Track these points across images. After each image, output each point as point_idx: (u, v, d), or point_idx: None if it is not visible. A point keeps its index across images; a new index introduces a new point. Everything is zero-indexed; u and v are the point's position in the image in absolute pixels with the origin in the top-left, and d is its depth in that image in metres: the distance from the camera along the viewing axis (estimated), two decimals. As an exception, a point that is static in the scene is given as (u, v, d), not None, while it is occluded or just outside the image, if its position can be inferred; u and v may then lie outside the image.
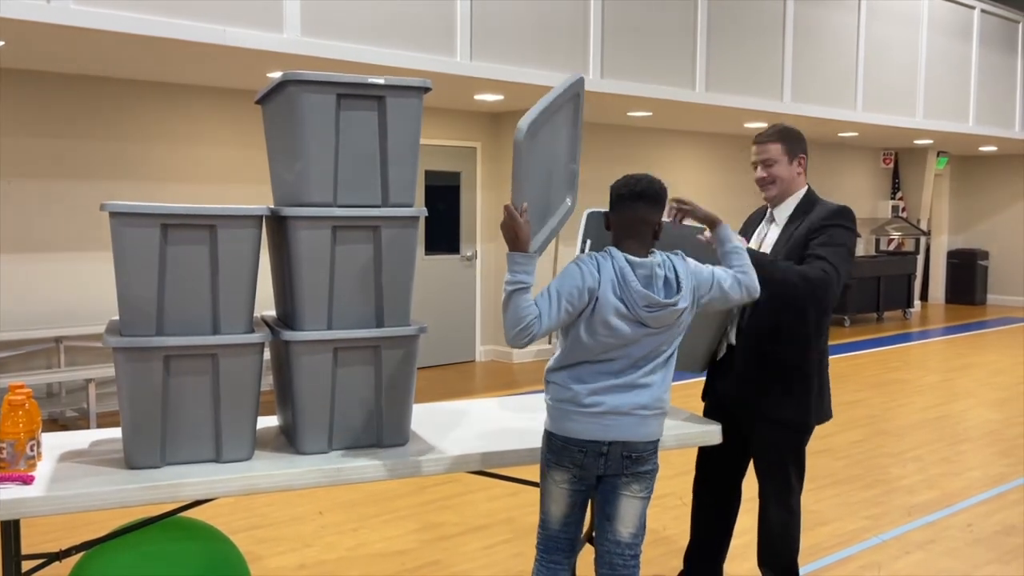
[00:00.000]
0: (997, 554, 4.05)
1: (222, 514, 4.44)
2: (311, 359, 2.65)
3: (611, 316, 2.45)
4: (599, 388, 2.49)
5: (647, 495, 2.58)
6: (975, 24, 11.54)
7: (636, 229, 2.53)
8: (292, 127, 2.62)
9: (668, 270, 2.52)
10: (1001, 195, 14.97)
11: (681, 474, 5.21)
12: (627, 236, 2.54)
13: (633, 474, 2.53)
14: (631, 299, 2.45)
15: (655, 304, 2.46)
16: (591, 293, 2.45)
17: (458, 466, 2.73)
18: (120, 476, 2.45)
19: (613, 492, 2.55)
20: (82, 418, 6.41)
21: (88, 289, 6.69)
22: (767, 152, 3.17)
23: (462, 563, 3.92)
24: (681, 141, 11.12)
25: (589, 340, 2.48)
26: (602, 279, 2.46)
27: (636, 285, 2.45)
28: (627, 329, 2.46)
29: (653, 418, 2.54)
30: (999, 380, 8.40)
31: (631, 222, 2.53)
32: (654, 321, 2.47)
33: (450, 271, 9.03)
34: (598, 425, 2.49)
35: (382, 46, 6.17)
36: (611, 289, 2.45)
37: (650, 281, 2.48)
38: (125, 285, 2.47)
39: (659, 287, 2.49)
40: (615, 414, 2.49)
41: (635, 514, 2.56)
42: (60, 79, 6.57)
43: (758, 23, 8.84)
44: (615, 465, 2.52)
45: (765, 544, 3.27)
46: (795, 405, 3.09)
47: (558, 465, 2.56)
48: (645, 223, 2.53)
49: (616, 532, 2.56)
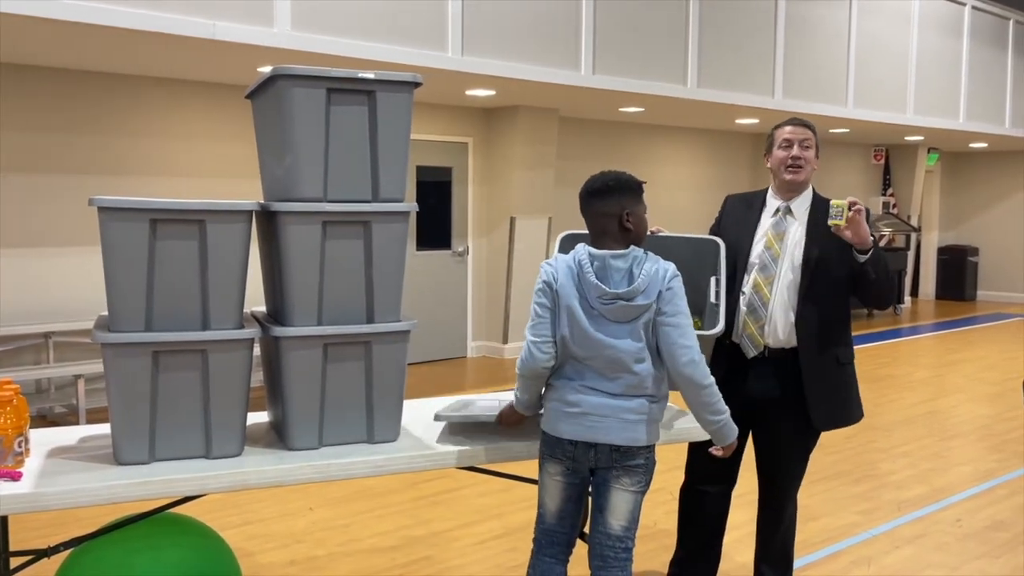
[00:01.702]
0: (986, 549, 4.07)
1: (212, 510, 4.42)
2: (301, 355, 2.64)
3: (572, 306, 2.52)
4: (581, 386, 2.54)
5: (640, 489, 2.58)
6: (966, 20, 11.57)
7: (597, 223, 2.58)
8: (282, 122, 2.61)
9: (636, 265, 2.53)
10: (991, 191, 15.03)
11: (672, 469, 5.20)
12: (595, 234, 2.60)
13: (624, 467, 2.55)
14: (587, 290, 2.52)
15: (605, 295, 2.49)
16: (550, 286, 2.56)
17: (449, 462, 2.72)
18: (109, 472, 2.44)
19: (605, 484, 2.58)
20: (71, 414, 6.39)
21: (77, 284, 6.66)
22: (807, 134, 3.11)
23: (453, 559, 3.92)
24: (672, 137, 11.12)
25: (565, 332, 2.54)
26: (559, 271, 2.55)
27: (590, 277, 2.51)
28: (587, 322, 2.50)
29: (640, 423, 2.54)
30: (989, 375, 8.44)
31: (591, 218, 2.61)
32: (611, 314, 2.50)
33: (442, 266, 9.02)
34: (582, 426, 2.54)
35: (373, 41, 6.15)
36: (570, 280, 2.54)
37: (605, 272, 2.52)
38: (114, 280, 2.45)
39: (616, 279, 2.51)
40: (597, 415, 2.52)
41: (627, 507, 2.56)
42: (49, 73, 6.53)
43: (750, 19, 8.85)
44: (605, 459, 2.54)
45: (772, 541, 3.26)
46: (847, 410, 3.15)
47: (552, 457, 2.61)
48: (603, 215, 2.57)
49: (607, 524, 2.57)
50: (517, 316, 8.98)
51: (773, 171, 3.17)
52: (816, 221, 3.07)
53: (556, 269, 2.57)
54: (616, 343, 2.50)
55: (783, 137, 3.12)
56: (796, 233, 3.10)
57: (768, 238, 3.13)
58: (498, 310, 9.15)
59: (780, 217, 3.14)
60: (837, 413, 3.14)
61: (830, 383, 3.10)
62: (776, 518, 3.25)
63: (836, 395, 3.12)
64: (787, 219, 3.13)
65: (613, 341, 2.50)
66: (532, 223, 9.03)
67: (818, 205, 3.11)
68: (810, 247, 3.05)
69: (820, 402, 3.08)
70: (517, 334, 8.96)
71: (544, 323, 2.56)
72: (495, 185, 9.15)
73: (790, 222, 3.12)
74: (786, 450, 3.19)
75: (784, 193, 3.15)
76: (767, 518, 3.28)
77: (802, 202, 3.13)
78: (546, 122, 8.99)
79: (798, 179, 3.10)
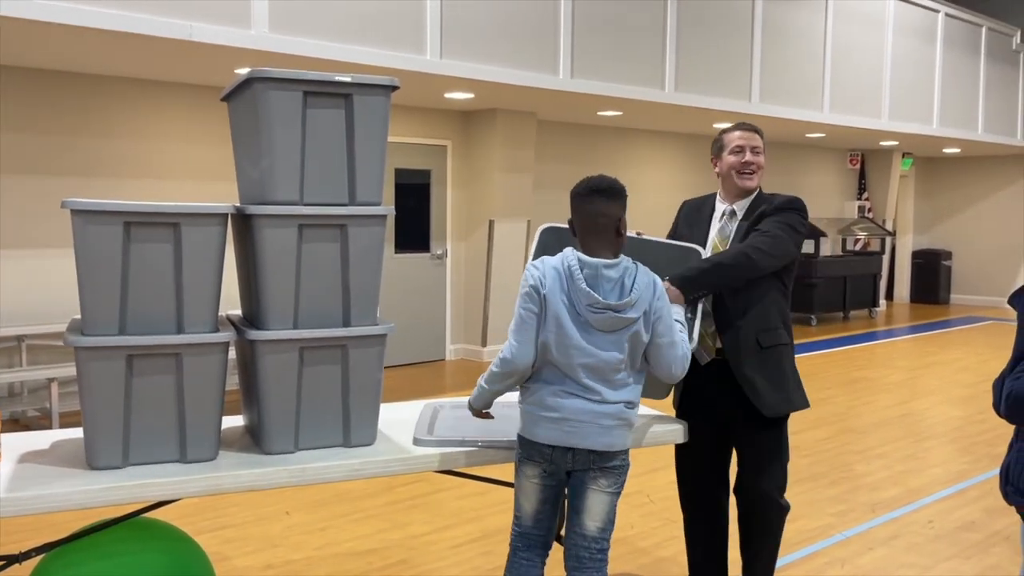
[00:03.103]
0: (958, 549, 4.12)
1: (188, 515, 4.39)
2: (277, 359, 2.63)
3: (559, 312, 2.49)
4: (560, 391, 2.53)
5: (616, 490, 2.60)
6: (939, 27, 11.71)
7: (595, 223, 2.54)
8: (258, 124, 2.60)
9: (627, 276, 2.53)
10: (964, 196, 15.22)
11: (648, 472, 5.24)
12: (587, 233, 2.56)
13: (601, 468, 2.56)
14: (576, 297, 2.49)
15: (596, 304, 2.47)
16: (538, 291, 2.52)
17: (424, 466, 2.72)
18: (82, 477, 2.42)
19: (582, 486, 2.59)
20: (44, 418, 6.32)
21: (50, 287, 6.59)
22: (756, 140, 3.16)
23: (430, 562, 3.91)
24: (650, 141, 11.18)
25: (545, 337, 2.52)
26: (547, 276, 2.52)
27: (581, 284, 2.48)
28: (574, 329, 2.49)
29: (616, 429, 2.56)
30: (962, 378, 8.54)
31: (589, 216, 2.55)
32: (598, 323, 2.49)
33: (420, 269, 9.01)
34: (559, 431, 2.54)
35: (351, 43, 6.14)
36: (558, 286, 2.51)
37: (596, 281, 2.50)
38: (87, 283, 2.43)
39: (606, 289, 2.49)
40: (575, 421, 2.52)
41: (603, 508, 2.58)
42: (21, 73, 6.46)
43: (727, 24, 8.91)
44: (583, 461, 2.55)
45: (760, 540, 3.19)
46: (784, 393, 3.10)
47: (529, 460, 2.61)
48: (603, 216, 2.54)
49: (583, 525, 2.58)
50: (496, 319, 8.98)
51: (723, 176, 3.20)
52: (748, 218, 3.12)
53: (543, 273, 2.54)
54: (599, 353, 2.50)
55: (734, 143, 3.16)
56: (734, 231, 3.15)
57: (715, 243, 3.16)
58: (476, 313, 9.15)
59: (725, 221, 3.18)
60: (774, 397, 3.07)
61: (754, 366, 3.05)
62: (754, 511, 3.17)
63: (766, 378, 3.06)
64: (732, 222, 3.17)
65: (596, 351, 2.50)
66: (511, 226, 9.04)
67: (757, 204, 3.15)
68: (736, 241, 3.10)
69: (754, 388, 3.04)
70: (495, 337, 8.96)
71: (529, 328, 2.54)
72: (474, 188, 9.15)
73: (734, 223, 3.16)
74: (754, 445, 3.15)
75: (731, 197, 3.20)
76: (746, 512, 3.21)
77: (745, 203, 3.17)
78: (524, 125, 9.01)
79: (752, 185, 3.15)
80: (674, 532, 4.27)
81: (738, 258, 2.97)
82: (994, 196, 14.89)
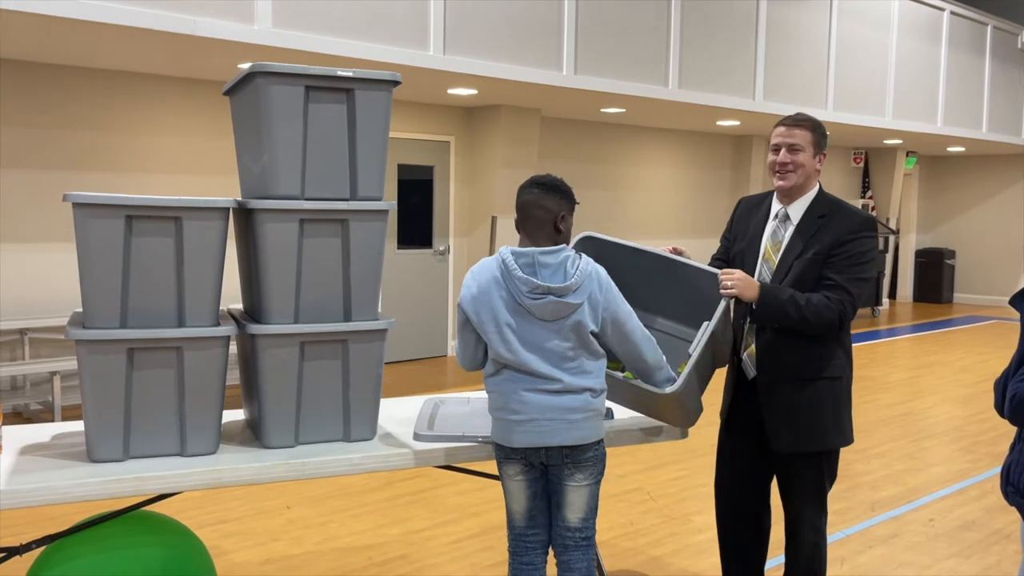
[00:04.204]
0: (957, 548, 4.12)
1: (188, 508, 4.40)
2: (277, 353, 2.64)
3: (498, 312, 2.51)
4: (520, 389, 2.53)
5: (593, 481, 2.61)
6: (944, 26, 11.68)
7: (531, 214, 2.58)
8: (260, 119, 2.60)
9: (570, 264, 2.53)
10: (968, 195, 15.19)
11: (649, 468, 5.24)
12: (525, 226, 2.60)
13: (574, 463, 2.57)
14: (515, 287, 2.50)
15: (536, 289, 2.47)
16: (462, 308, 2.58)
17: (424, 461, 2.72)
18: (82, 470, 2.43)
19: (559, 482, 2.60)
20: (47, 411, 6.33)
21: (53, 281, 6.60)
22: (795, 136, 2.86)
23: (430, 557, 3.92)
24: (654, 138, 11.16)
25: (492, 345, 2.54)
26: (479, 280, 2.55)
27: (517, 272, 2.50)
28: (516, 323, 2.50)
29: (585, 421, 2.55)
30: (964, 377, 8.53)
31: (526, 206, 2.60)
32: (539, 310, 2.48)
33: (423, 265, 9.01)
34: (532, 433, 2.54)
35: (355, 39, 6.13)
36: (494, 284, 2.52)
37: (533, 269, 2.51)
38: (89, 277, 2.44)
39: (545, 275, 2.50)
40: (543, 420, 2.52)
41: (582, 501, 2.60)
42: (24, 67, 6.47)
43: (731, 21, 8.90)
44: (556, 456, 2.56)
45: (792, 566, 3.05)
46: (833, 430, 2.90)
47: (506, 460, 2.64)
48: (539, 207, 2.57)
49: (566, 519, 2.62)
50: (497, 315, 8.96)
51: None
52: (806, 223, 2.88)
53: (474, 280, 2.56)
54: (545, 345, 2.50)
55: (773, 140, 2.92)
56: (788, 238, 2.91)
57: (766, 249, 2.95)
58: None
59: (778, 225, 2.95)
60: (799, 436, 2.88)
61: (789, 403, 2.87)
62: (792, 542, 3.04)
63: (797, 416, 2.87)
64: (784, 226, 2.93)
65: (541, 343, 2.50)
66: (513, 223, 9.02)
67: (816, 208, 2.89)
68: (789, 251, 2.88)
69: (778, 424, 2.88)
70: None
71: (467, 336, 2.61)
72: (477, 184, 9.15)
73: (787, 228, 2.92)
74: (792, 470, 2.99)
75: (783, 197, 2.94)
76: (786, 542, 3.08)
77: (797, 207, 2.91)
78: (528, 122, 9.00)
79: (786, 185, 2.89)
80: (674, 529, 4.28)
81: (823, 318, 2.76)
82: (998, 195, 14.86)
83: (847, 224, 2.85)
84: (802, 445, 2.90)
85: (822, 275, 2.83)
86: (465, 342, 2.64)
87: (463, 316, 2.59)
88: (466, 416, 2.99)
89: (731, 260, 3.10)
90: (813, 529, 2.99)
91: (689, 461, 5.42)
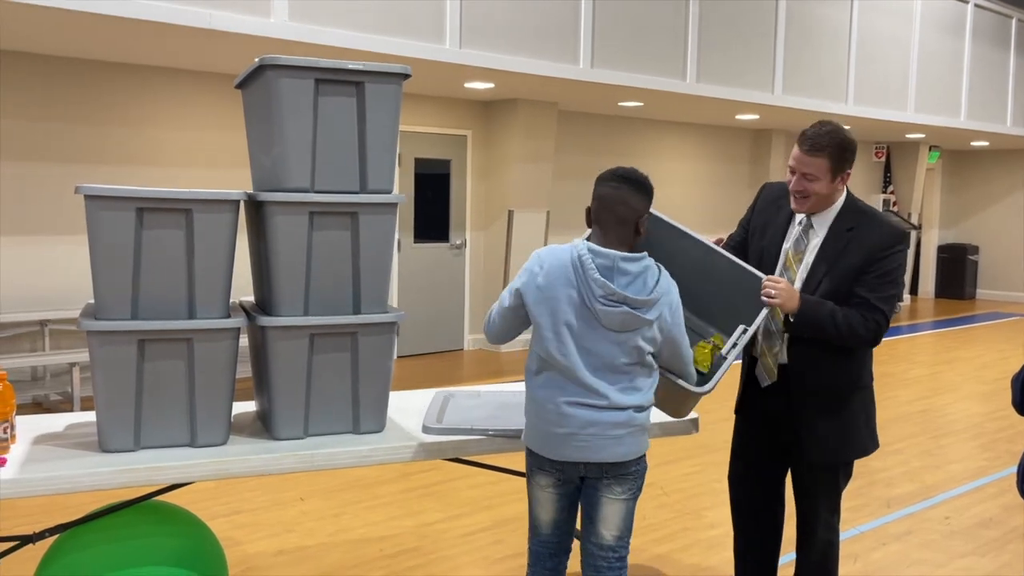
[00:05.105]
0: (974, 546, 4.08)
1: (203, 499, 4.44)
2: (287, 345, 2.65)
3: (560, 308, 2.35)
4: (564, 402, 2.38)
5: (631, 496, 2.47)
6: (968, 19, 11.54)
7: (614, 212, 2.38)
8: (270, 112, 2.61)
9: (650, 275, 2.38)
10: (992, 190, 15.01)
11: (662, 464, 5.23)
12: (604, 223, 2.40)
13: (615, 476, 2.43)
14: (588, 288, 2.34)
15: (612, 296, 2.32)
16: (521, 296, 2.43)
17: (433, 454, 2.73)
18: (94, 459, 2.45)
19: (595, 494, 2.45)
20: (65, 402, 6.40)
21: (73, 273, 6.67)
22: (810, 167, 2.73)
23: (443, 550, 3.93)
24: (671, 132, 11.11)
25: (544, 341, 2.38)
26: (546, 270, 2.37)
27: (594, 273, 2.33)
28: (577, 325, 2.35)
29: (629, 437, 2.41)
30: (984, 374, 8.44)
31: (610, 203, 2.39)
32: (607, 318, 2.33)
33: (439, 259, 9.02)
34: (570, 447, 2.40)
35: (371, 32, 6.14)
36: (563, 278, 2.36)
37: (611, 274, 2.34)
38: (100, 269, 2.46)
39: (623, 283, 2.34)
40: (585, 435, 2.37)
41: (619, 516, 2.46)
42: (42, 61, 6.53)
43: (750, 15, 8.83)
44: (595, 471, 2.43)
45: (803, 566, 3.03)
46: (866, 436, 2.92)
47: (540, 470, 2.49)
48: (625, 205, 2.38)
49: (599, 535, 2.46)
50: (514, 309, 8.96)
51: None
52: (833, 236, 2.80)
53: (542, 267, 2.38)
54: (602, 354, 2.36)
55: (789, 162, 2.82)
56: (815, 248, 2.84)
57: (788, 257, 2.88)
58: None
59: (802, 232, 2.86)
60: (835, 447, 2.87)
61: (825, 415, 2.85)
62: (807, 542, 3.01)
63: (834, 428, 2.86)
64: (809, 234, 2.85)
65: (598, 351, 2.36)
66: (530, 216, 9.03)
67: (843, 220, 2.81)
68: (818, 265, 2.81)
69: (813, 435, 2.86)
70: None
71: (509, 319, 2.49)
72: (493, 178, 9.15)
73: (811, 237, 2.85)
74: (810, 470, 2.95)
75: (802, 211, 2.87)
76: (798, 539, 3.06)
77: (826, 218, 2.83)
78: (545, 116, 8.98)
79: (801, 211, 2.83)
80: (687, 524, 4.27)
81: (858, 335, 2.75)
82: (1022, 190, 14.67)
83: (879, 239, 2.78)
84: (840, 456, 2.89)
85: (852, 291, 2.78)
86: (505, 321, 2.49)
87: (518, 300, 2.43)
88: (476, 409, 2.99)
89: (746, 256, 3.04)
90: (827, 527, 2.97)
91: (702, 456, 5.40)
